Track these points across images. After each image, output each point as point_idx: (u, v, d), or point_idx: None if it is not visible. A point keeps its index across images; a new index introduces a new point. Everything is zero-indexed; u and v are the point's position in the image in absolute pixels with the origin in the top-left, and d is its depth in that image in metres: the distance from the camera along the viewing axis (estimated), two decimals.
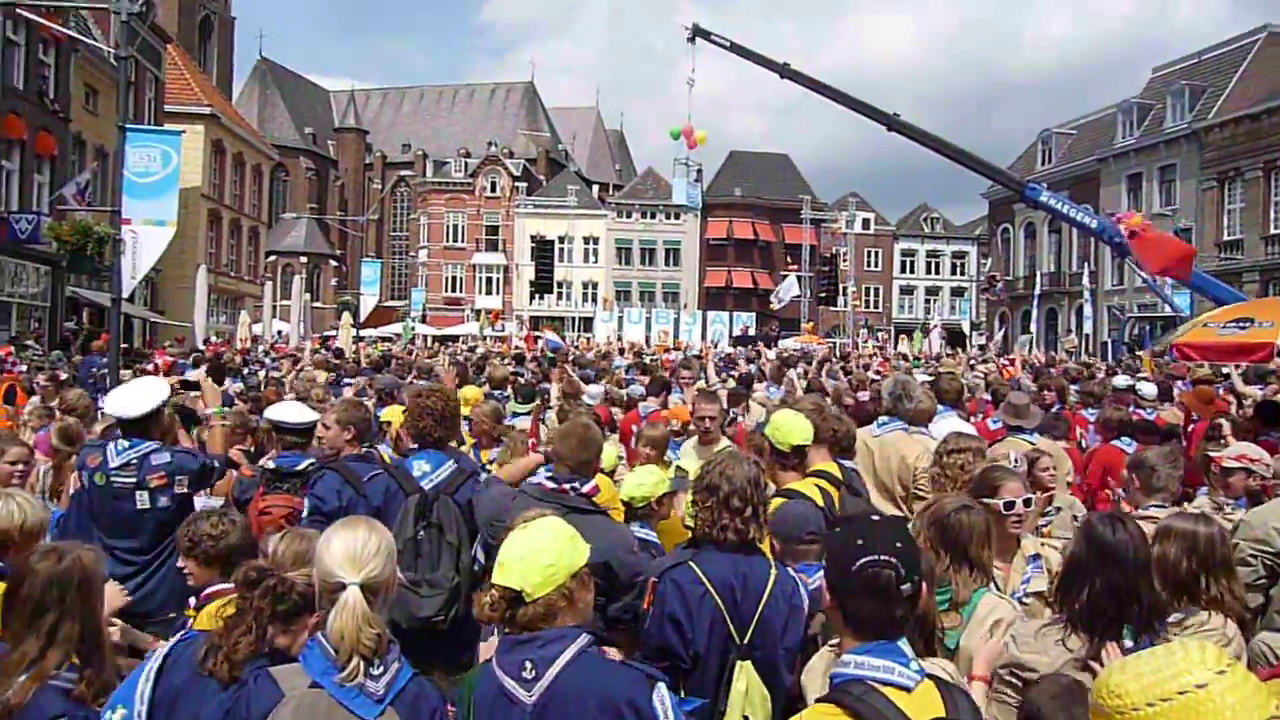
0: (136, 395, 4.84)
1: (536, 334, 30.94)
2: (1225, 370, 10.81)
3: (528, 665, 2.27)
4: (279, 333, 28.71)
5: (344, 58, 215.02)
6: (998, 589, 3.24)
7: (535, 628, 2.29)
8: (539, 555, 2.29)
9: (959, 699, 2.07)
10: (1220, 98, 36.07)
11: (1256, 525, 3.69)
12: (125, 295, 12.71)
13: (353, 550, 2.24)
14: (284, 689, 2.16)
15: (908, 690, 1.98)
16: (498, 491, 3.90)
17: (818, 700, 2.10)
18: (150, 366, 12.23)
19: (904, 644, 2.06)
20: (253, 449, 6.24)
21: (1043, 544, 3.78)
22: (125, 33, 12.54)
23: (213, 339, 24.51)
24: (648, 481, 4.15)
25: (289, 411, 5.26)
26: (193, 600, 3.37)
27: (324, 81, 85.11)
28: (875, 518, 2.41)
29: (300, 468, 4.87)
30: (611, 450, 5.86)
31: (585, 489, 3.64)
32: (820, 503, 3.96)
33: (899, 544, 2.10)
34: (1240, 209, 34.65)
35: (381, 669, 2.18)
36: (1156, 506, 4.05)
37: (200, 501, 4.85)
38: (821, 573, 2.38)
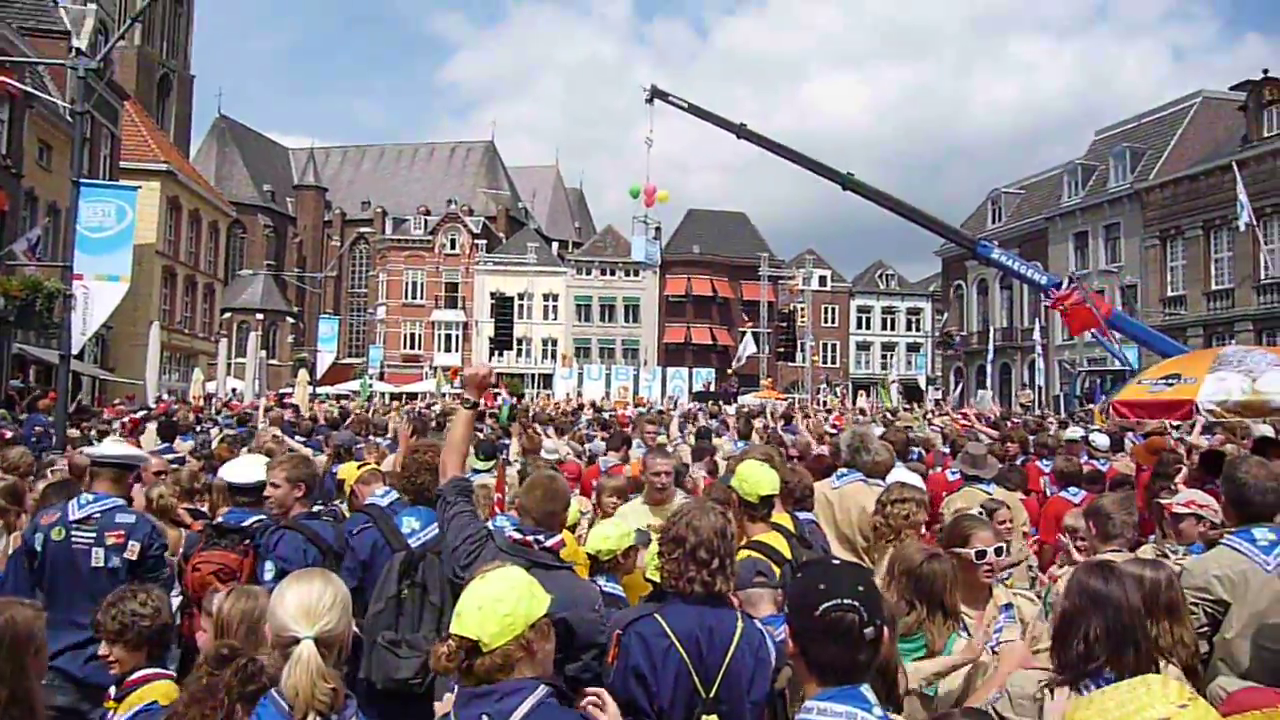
0: (120, 445, 4.79)
1: (495, 390, 30.74)
2: (1175, 422, 10.98)
3: (485, 719, 2.22)
4: (233, 390, 28.24)
5: (304, 116, 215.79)
6: (968, 634, 3.25)
7: (493, 679, 2.24)
8: (496, 604, 2.25)
9: None
10: (1160, 159, 37.41)
11: (1197, 574, 3.70)
12: (74, 352, 12.45)
13: (307, 603, 2.21)
14: None
15: None
16: (464, 519, 3.72)
17: None
18: (117, 426, 11.95)
19: (867, 690, 2.06)
20: (205, 507, 6.10)
21: (1015, 594, 3.79)
22: (81, 89, 12.51)
23: (164, 397, 24.04)
24: (613, 534, 4.14)
25: (240, 470, 5.18)
26: (113, 690, 3.15)
27: (284, 139, 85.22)
28: (837, 562, 2.41)
29: (245, 524, 4.78)
30: (574, 505, 5.82)
31: (550, 543, 3.58)
32: (789, 555, 3.94)
33: (861, 588, 2.11)
34: (1182, 266, 35.71)
35: None
36: (1113, 552, 4.09)
37: None
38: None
